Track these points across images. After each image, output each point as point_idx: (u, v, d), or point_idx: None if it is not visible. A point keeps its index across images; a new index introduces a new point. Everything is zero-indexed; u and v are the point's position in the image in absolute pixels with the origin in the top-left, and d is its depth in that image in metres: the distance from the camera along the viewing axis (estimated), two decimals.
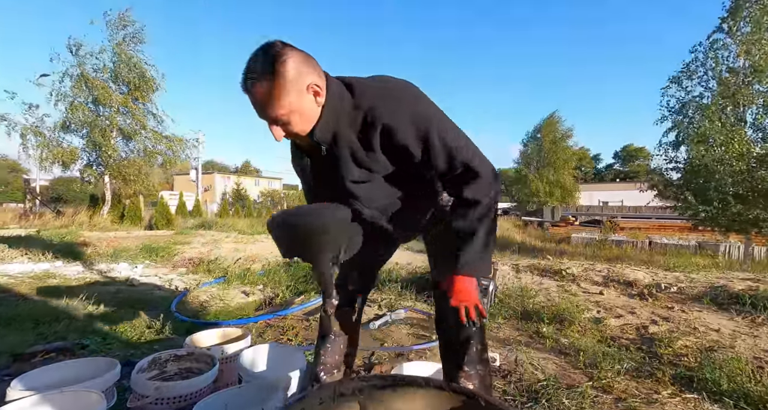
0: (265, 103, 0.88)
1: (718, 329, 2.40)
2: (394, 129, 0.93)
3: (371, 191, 1.05)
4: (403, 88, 0.98)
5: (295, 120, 0.91)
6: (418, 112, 0.94)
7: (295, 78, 0.87)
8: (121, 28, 11.29)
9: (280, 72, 0.85)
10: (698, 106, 8.33)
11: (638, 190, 9.97)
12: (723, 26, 8.24)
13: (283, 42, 0.89)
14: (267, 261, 4.78)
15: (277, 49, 0.86)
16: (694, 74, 8.54)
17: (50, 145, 10.97)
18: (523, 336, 2.35)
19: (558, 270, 3.83)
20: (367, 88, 0.97)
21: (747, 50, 7.75)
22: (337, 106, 0.95)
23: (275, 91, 0.86)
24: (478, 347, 1.17)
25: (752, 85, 7.75)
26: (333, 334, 1.31)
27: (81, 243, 6.03)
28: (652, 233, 14.24)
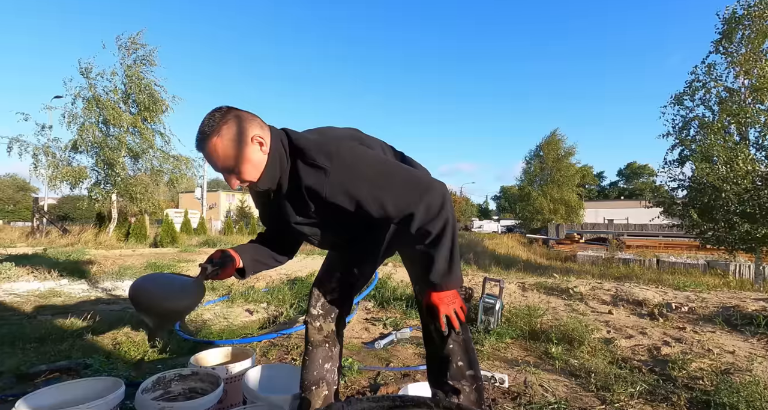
0: (217, 158, 1.00)
1: (733, 351, 2.33)
2: (320, 191, 1.00)
3: (317, 231, 1.16)
4: (335, 145, 1.02)
5: (246, 169, 1.02)
6: (346, 173, 0.99)
7: (239, 133, 1.00)
8: (132, 52, 11.73)
9: (225, 130, 0.99)
10: (701, 124, 8.39)
11: (643, 207, 9.91)
12: (719, 48, 8.41)
13: (229, 106, 1.03)
14: (271, 279, 4.76)
15: (222, 112, 1.01)
16: (695, 93, 8.65)
17: (60, 165, 11.22)
18: (531, 357, 2.30)
19: (565, 289, 3.78)
20: (300, 144, 1.03)
21: (746, 71, 7.87)
22: (279, 157, 1.05)
23: (223, 146, 0.99)
24: (459, 363, 1.18)
25: (755, 105, 7.82)
26: (310, 345, 1.31)
27: (86, 261, 6.06)
28: (659, 251, 14.04)
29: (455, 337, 1.18)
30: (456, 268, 1.07)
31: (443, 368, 1.19)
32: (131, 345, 2.35)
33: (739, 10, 8.12)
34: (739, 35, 8.10)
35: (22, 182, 36.38)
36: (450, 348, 1.18)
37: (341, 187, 0.99)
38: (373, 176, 1.00)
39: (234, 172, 1.02)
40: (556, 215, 27.38)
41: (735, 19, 8.12)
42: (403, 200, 0.99)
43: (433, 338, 1.23)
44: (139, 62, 11.82)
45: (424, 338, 1.31)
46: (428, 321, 1.21)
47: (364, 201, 0.99)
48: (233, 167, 1.01)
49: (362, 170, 1.00)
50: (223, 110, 1.02)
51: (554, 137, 28.42)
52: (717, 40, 8.45)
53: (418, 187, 1.01)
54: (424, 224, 1.00)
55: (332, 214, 1.07)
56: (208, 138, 0.99)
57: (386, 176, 1.01)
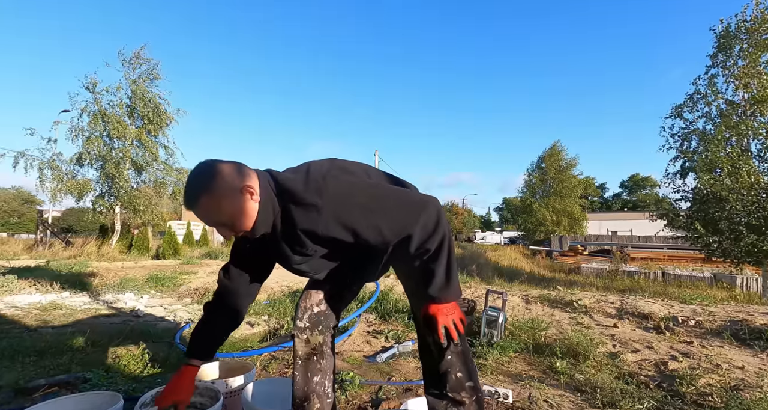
0: (209, 215, 0.99)
1: (743, 366, 2.28)
2: (315, 229, 1.00)
3: (313, 265, 1.16)
4: (321, 180, 1.02)
5: (240, 221, 1.01)
6: (338, 206, 0.99)
7: (229, 186, 0.98)
8: (136, 67, 12.01)
9: (215, 186, 0.97)
10: (702, 136, 8.42)
11: (647, 219, 9.86)
12: (715, 62, 8.51)
13: (213, 160, 1.03)
14: (272, 291, 4.74)
15: (209, 167, 1.00)
16: (696, 105, 8.71)
17: (65, 178, 11.35)
18: (535, 371, 2.26)
19: (569, 301, 3.73)
20: (287, 186, 1.03)
21: (745, 84, 7.94)
22: (271, 201, 1.04)
23: (214, 202, 0.98)
24: (458, 374, 1.16)
25: (755, 117, 7.86)
26: (298, 359, 1.29)
27: (88, 274, 6.06)
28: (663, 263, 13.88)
29: (453, 348, 1.16)
30: (454, 280, 1.07)
31: (442, 380, 1.18)
32: (131, 358, 2.33)
33: (733, 25, 8.25)
34: (737, 49, 8.20)
35: (28, 195, 36.70)
36: (448, 360, 1.17)
37: (336, 220, 0.99)
38: (366, 203, 1.00)
39: (227, 225, 1.01)
40: (559, 226, 27.26)
41: (730, 33, 8.25)
42: (398, 222, 1.00)
43: (430, 350, 1.21)
44: (144, 76, 12.09)
45: (420, 350, 1.30)
46: (425, 333, 1.19)
47: (361, 230, 0.99)
48: (226, 221, 1.00)
49: (353, 199, 1.00)
50: (209, 165, 1.00)
51: (555, 148, 28.58)
52: (712, 54, 8.56)
53: (411, 207, 1.01)
54: (423, 243, 1.01)
55: (331, 247, 1.08)
56: (197, 197, 0.98)
57: (378, 201, 1.01)
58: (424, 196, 1.07)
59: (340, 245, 1.06)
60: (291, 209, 1.02)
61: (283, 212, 1.05)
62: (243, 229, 1.03)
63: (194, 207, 0.99)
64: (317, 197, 0.99)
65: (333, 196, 0.99)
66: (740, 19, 8.13)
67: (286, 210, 1.04)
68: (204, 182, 0.98)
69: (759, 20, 7.84)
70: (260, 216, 1.03)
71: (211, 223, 1.01)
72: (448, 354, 1.16)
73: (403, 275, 1.31)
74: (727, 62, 8.29)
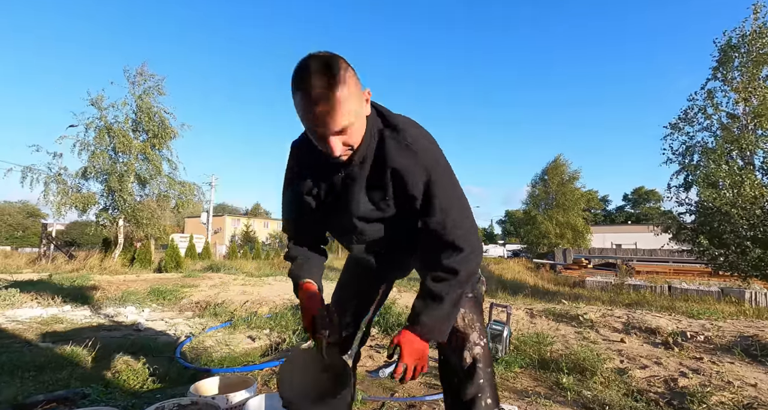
0: (343, 107, 0.79)
1: (755, 384, 2.22)
2: (406, 176, 0.91)
3: (369, 227, 1.03)
4: (429, 139, 0.97)
5: (354, 130, 0.84)
6: (434, 162, 0.93)
7: (357, 84, 0.83)
8: (141, 83, 12.29)
9: (349, 78, 0.80)
10: (703, 150, 8.44)
11: (652, 232, 9.78)
12: (717, 75, 8.60)
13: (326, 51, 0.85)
14: (274, 304, 4.70)
15: (335, 57, 0.81)
16: (694, 120, 8.76)
17: (69, 191, 11.48)
18: (541, 387, 2.21)
19: (575, 316, 3.68)
20: (393, 120, 0.94)
21: (746, 97, 8.01)
22: (373, 122, 0.92)
23: (349, 97, 0.79)
24: (488, 401, 1.08)
25: (756, 131, 7.89)
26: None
27: (90, 287, 6.05)
28: (669, 277, 13.68)
29: (484, 370, 1.08)
30: (449, 324, 1.01)
31: (470, 406, 1.07)
32: (131, 373, 2.30)
33: (734, 39, 8.37)
34: (736, 63, 8.30)
35: (33, 209, 37.00)
36: (480, 384, 1.07)
37: (424, 178, 0.90)
38: (454, 186, 0.95)
39: (346, 132, 0.82)
40: (563, 239, 27.07)
41: (731, 47, 8.35)
42: (465, 225, 0.94)
43: (455, 371, 1.11)
44: (149, 92, 12.36)
45: (441, 371, 1.17)
46: (449, 353, 1.10)
47: (434, 203, 0.91)
48: (349, 125, 0.81)
49: (448, 175, 0.95)
50: (333, 55, 0.81)
51: (558, 161, 28.67)
52: (714, 68, 8.66)
53: (473, 225, 0.98)
54: (460, 262, 0.93)
55: (398, 208, 0.97)
56: (334, 86, 0.76)
57: (461, 196, 0.97)
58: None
59: (403, 213, 0.97)
60: (389, 145, 0.90)
61: (379, 142, 0.91)
62: (352, 143, 0.86)
63: (330, 98, 0.77)
64: (421, 148, 0.90)
65: (435, 159, 0.91)
66: (739, 33, 8.25)
67: (382, 144, 0.91)
68: (340, 71, 0.78)
69: (757, 35, 7.96)
70: (366, 133, 0.89)
71: (339, 122, 0.79)
72: (479, 377, 1.07)
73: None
74: (728, 75, 8.37)
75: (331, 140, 0.82)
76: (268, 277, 7.93)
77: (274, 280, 7.09)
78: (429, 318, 0.97)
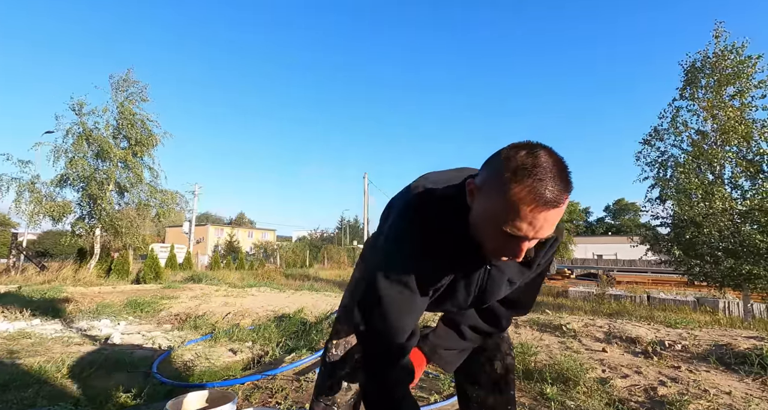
0: (556, 218, 0.71)
1: (730, 391, 2.29)
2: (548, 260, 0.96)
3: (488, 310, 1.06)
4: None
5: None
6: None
7: None
8: (124, 89, 12.08)
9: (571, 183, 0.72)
10: (676, 164, 8.80)
11: (630, 244, 10.07)
12: (683, 94, 9.06)
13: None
14: (257, 316, 4.59)
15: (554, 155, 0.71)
16: (664, 136, 9.15)
17: (43, 200, 11.05)
18: (526, 398, 2.22)
19: (558, 325, 3.72)
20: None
21: (713, 115, 8.44)
22: None
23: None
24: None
25: (723, 147, 8.30)
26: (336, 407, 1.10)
27: (63, 299, 5.78)
28: (648, 287, 14.07)
29: (513, 382, 1.12)
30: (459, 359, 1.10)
31: None
32: (103, 390, 2.20)
33: (698, 61, 8.87)
34: (703, 82, 8.77)
35: (2, 218, 35.35)
36: (511, 396, 1.10)
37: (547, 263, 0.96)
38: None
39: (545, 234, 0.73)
40: None
41: (696, 68, 8.84)
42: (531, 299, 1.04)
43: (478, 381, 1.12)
44: (132, 99, 12.15)
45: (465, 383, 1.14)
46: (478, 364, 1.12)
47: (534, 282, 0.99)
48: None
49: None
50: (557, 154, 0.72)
51: None
52: (681, 88, 9.12)
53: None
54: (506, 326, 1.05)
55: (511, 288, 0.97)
56: (566, 193, 0.69)
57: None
58: None
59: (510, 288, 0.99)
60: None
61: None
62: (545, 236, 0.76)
63: (560, 207, 0.69)
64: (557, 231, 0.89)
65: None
66: (704, 55, 8.76)
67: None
68: (570, 177, 0.71)
69: (719, 57, 8.46)
70: None
71: (545, 231, 0.71)
72: (509, 388, 1.11)
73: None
74: (695, 94, 8.82)
75: (526, 245, 0.73)
76: (252, 288, 7.77)
77: (258, 291, 6.95)
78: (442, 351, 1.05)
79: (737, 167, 8.04)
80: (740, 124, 7.86)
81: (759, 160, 7.83)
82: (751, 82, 8.21)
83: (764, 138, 7.73)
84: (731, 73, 8.30)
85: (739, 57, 8.30)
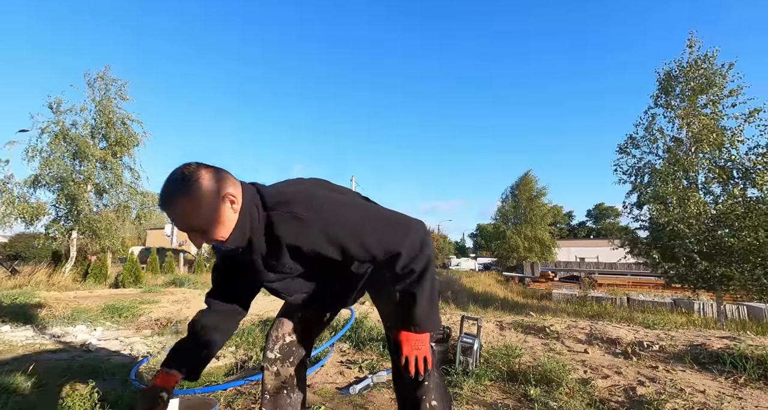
0: (183, 218, 0.93)
1: (704, 390, 2.37)
2: (301, 243, 0.99)
3: (288, 285, 1.13)
4: (311, 194, 1.02)
5: (216, 229, 0.96)
6: (326, 221, 0.97)
7: (208, 192, 0.93)
8: (101, 87, 11.72)
9: (195, 189, 0.92)
10: (652, 170, 9.11)
11: (611, 247, 10.34)
12: (659, 102, 9.39)
13: (198, 162, 0.98)
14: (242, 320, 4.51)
15: (191, 169, 0.94)
16: (640, 143, 9.45)
17: (16, 201, 10.60)
18: (510, 400, 2.24)
19: (541, 327, 3.78)
20: (275, 198, 1.02)
21: (688, 123, 8.78)
22: (250, 213, 1.00)
23: (191, 207, 0.92)
24: (432, 403, 1.14)
25: (697, 153, 8.64)
26: (267, 393, 1.25)
27: (35, 305, 5.54)
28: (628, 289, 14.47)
29: (431, 373, 1.14)
30: (435, 310, 1.07)
31: (417, 407, 1.15)
32: (76, 399, 2.11)
33: (673, 70, 9.23)
34: (678, 91, 9.12)
35: None
36: (425, 386, 1.14)
37: (324, 235, 0.97)
38: (355, 220, 1.00)
39: (200, 232, 0.96)
40: (531, 253, 28.03)
41: (671, 77, 9.19)
42: (387, 240, 0.99)
43: (402, 375, 1.17)
44: (111, 97, 11.80)
45: (394, 377, 1.26)
46: (398, 359, 1.16)
47: (348, 246, 0.98)
48: (201, 227, 0.95)
49: (342, 215, 0.99)
50: (192, 168, 0.95)
51: (528, 177, 29.95)
52: (656, 95, 9.45)
53: (400, 226, 1.01)
54: (409, 262, 0.99)
55: (311, 264, 1.05)
56: (173, 198, 0.92)
57: (367, 219, 1.01)
58: (411, 217, 1.07)
59: (320, 263, 1.03)
60: (276, 222, 0.99)
61: (267, 226, 1.01)
62: (217, 238, 0.97)
63: (169, 209, 0.93)
64: (306, 211, 0.97)
65: (322, 211, 0.98)
66: (678, 64, 9.11)
67: (270, 223, 1.00)
68: (183, 184, 0.92)
69: (693, 66, 8.82)
70: (237, 227, 0.98)
71: (185, 227, 0.95)
72: (425, 380, 1.14)
73: (381, 299, 1.29)
74: (671, 102, 9.16)
75: (189, 235, 0.96)
76: None
77: None
78: (415, 315, 1.04)
79: (710, 173, 8.37)
80: (712, 132, 8.21)
81: (730, 166, 8.17)
82: (722, 92, 8.59)
83: (734, 146, 8.08)
84: (704, 82, 8.66)
85: (711, 67, 8.67)
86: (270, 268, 1.06)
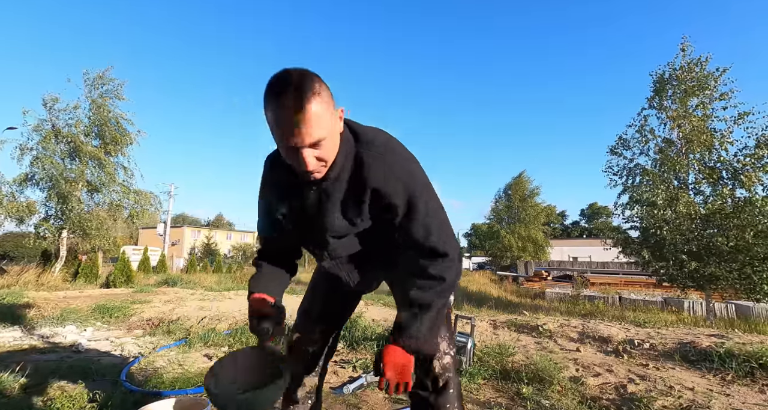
0: (318, 121, 0.79)
1: (693, 387, 2.40)
2: (386, 191, 0.91)
3: (343, 243, 1.03)
4: (404, 153, 0.96)
5: (327, 146, 0.84)
6: (412, 177, 0.93)
7: (330, 101, 0.83)
8: (99, 87, 11.59)
9: (323, 91, 0.81)
10: (642, 171, 9.22)
11: (603, 247, 10.44)
12: (652, 103, 9.52)
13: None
14: (235, 320, 4.48)
15: (310, 72, 0.82)
16: (631, 144, 9.56)
17: (5, 200, 10.43)
18: (503, 398, 2.25)
19: (535, 326, 3.81)
20: (370, 140, 0.93)
21: (679, 124, 8.91)
22: (348, 141, 0.92)
23: (322, 110, 0.79)
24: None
25: (687, 154, 8.76)
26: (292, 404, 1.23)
27: (23, 305, 5.45)
28: (620, 288, 14.65)
29: (453, 380, 1.08)
30: (436, 333, 1.04)
31: None
32: (65, 400, 2.08)
33: (667, 73, 9.36)
34: (670, 93, 9.25)
35: None
36: (450, 394, 1.07)
37: (405, 190, 0.90)
38: (432, 197, 0.96)
39: (318, 145, 0.81)
40: (525, 252, 28.23)
41: (664, 79, 9.33)
42: (445, 232, 0.95)
43: (422, 382, 1.10)
44: (106, 96, 11.67)
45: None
46: (417, 363, 1.07)
47: (417, 209, 0.91)
48: (322, 138, 0.80)
49: (426, 187, 0.95)
50: (311, 72, 0.81)
51: (522, 178, 30.13)
52: (651, 97, 9.58)
53: (452, 230, 0.99)
54: (444, 270, 0.94)
55: (374, 222, 0.97)
56: (309, 100, 0.76)
57: (440, 204, 0.98)
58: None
59: (380, 224, 0.97)
60: (368, 163, 0.89)
61: (355, 160, 0.90)
62: (326, 158, 0.85)
63: (304, 106, 0.76)
64: (399, 159, 0.91)
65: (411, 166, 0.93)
66: (671, 67, 9.25)
67: (360, 163, 0.90)
68: (315, 85, 0.78)
69: (686, 69, 8.96)
70: (339, 153, 0.88)
71: (314, 135, 0.79)
72: (449, 387, 1.07)
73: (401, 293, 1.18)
74: (663, 104, 9.29)
75: (305, 153, 0.81)
76: (229, 291, 7.57)
77: (236, 294, 6.78)
78: (416, 330, 0.95)
79: (700, 173, 8.50)
80: (702, 133, 8.33)
81: (719, 167, 8.31)
82: (714, 94, 8.73)
83: (724, 147, 8.21)
84: (696, 85, 8.80)
85: (703, 71, 8.81)
86: (344, 213, 0.95)
